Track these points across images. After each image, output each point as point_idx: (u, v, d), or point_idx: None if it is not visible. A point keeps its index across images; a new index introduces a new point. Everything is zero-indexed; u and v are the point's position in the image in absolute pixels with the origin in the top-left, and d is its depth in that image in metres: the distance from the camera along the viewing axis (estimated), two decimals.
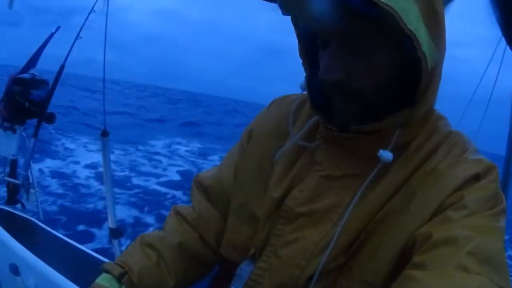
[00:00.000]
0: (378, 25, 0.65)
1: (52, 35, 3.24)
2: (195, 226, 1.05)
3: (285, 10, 0.73)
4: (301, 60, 0.84)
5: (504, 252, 0.66)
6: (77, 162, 10.10)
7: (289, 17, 0.77)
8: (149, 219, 7.06)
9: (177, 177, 10.48)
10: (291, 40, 0.86)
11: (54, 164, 9.53)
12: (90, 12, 2.83)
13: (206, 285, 1.05)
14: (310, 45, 0.81)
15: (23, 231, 2.55)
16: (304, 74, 0.84)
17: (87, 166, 9.71)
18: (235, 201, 0.97)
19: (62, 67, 3.03)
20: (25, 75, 3.11)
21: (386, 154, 0.73)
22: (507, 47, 2.02)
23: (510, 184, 2.15)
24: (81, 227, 6.15)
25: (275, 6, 0.72)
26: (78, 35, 2.94)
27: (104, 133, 2.94)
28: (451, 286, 0.59)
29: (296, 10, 0.72)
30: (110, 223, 3.06)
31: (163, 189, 9.07)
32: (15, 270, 2.07)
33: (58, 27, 3.29)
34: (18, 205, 3.12)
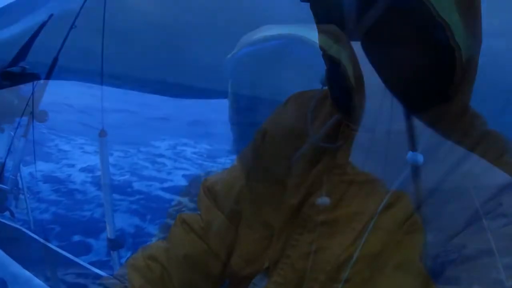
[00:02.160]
0: (406, 12, 0.65)
1: (44, 23, 3.28)
2: (203, 236, 1.05)
3: None
4: (321, 52, 0.84)
5: None
6: (72, 165, 10.15)
7: (307, 4, 0.77)
8: (152, 229, 7.08)
9: (183, 182, 10.49)
10: None
11: (47, 167, 9.59)
12: None
13: None
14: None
15: (12, 242, 2.58)
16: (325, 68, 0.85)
17: (83, 170, 9.76)
18: (247, 208, 0.98)
19: (55, 60, 3.07)
20: (14, 69, 3.14)
21: (415, 157, 0.72)
22: None
23: None
24: (76, 238, 6.19)
25: None
26: (73, 23, 2.97)
27: (102, 133, 2.95)
28: None
29: None
30: (109, 233, 3.07)
31: (167, 195, 9.07)
32: (3, 285, 2.09)
33: (51, 15, 3.32)
34: (6, 213, 3.14)
